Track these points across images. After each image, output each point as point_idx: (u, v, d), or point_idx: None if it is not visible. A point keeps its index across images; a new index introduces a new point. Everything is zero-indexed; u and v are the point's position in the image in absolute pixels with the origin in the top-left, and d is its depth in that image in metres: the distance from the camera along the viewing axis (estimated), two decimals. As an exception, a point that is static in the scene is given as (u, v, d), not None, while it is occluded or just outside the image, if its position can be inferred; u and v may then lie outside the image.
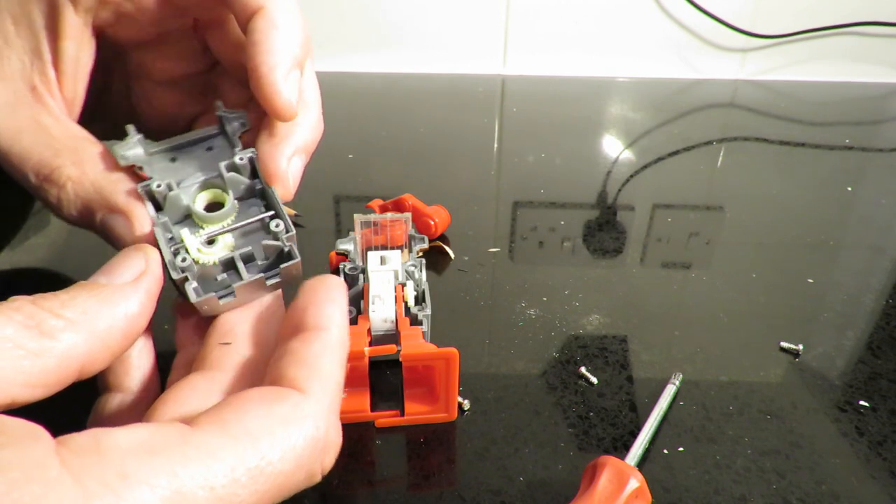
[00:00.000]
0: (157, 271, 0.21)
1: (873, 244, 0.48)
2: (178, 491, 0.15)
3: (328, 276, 0.23)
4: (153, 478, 0.15)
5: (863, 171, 0.61)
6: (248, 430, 0.17)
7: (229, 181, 0.25)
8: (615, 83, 0.86)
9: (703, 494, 0.28)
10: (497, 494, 0.27)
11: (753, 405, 0.32)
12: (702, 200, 0.54)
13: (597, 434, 0.31)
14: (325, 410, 0.19)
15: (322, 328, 0.21)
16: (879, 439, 0.30)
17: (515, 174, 0.59)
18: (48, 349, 0.17)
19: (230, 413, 0.18)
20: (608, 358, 0.35)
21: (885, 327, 0.38)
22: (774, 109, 0.78)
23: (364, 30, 0.86)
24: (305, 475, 0.18)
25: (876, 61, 0.86)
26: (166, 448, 0.16)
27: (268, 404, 0.18)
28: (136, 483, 0.15)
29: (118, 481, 0.15)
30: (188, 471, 0.16)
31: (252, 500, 0.17)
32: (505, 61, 0.88)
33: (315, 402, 0.19)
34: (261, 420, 0.18)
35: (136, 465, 0.15)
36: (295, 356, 0.20)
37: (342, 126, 0.69)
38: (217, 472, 0.16)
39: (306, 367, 0.20)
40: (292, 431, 0.18)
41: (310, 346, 0.20)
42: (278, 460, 0.17)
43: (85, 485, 0.14)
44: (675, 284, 0.42)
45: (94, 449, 0.15)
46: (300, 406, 0.19)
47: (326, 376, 0.20)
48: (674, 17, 0.85)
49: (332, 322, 0.21)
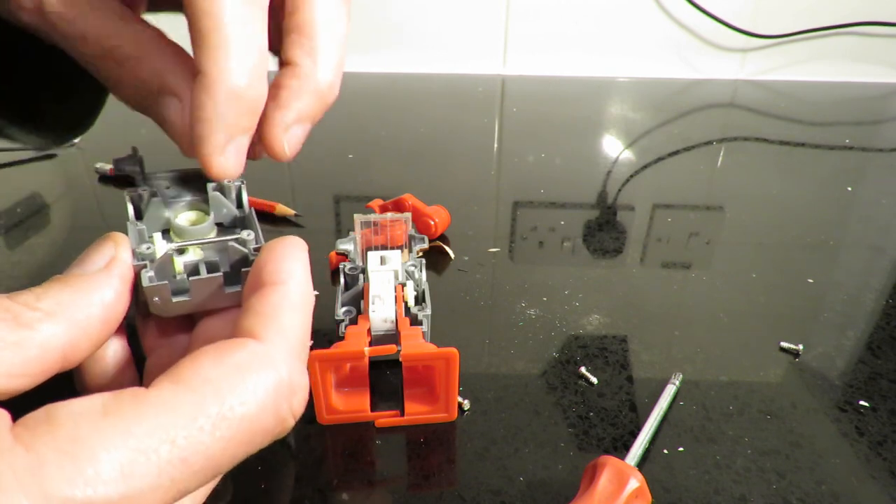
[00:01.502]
0: (127, 258, 0.21)
1: (873, 244, 0.48)
2: (137, 449, 0.15)
3: (288, 236, 0.22)
4: (108, 439, 0.15)
5: (863, 171, 0.61)
6: (205, 379, 0.17)
7: (213, 200, 0.25)
8: (615, 83, 0.86)
9: (703, 494, 0.28)
10: (497, 494, 0.27)
11: (753, 405, 0.32)
12: (702, 200, 0.54)
13: (597, 434, 0.31)
14: (285, 354, 0.19)
15: (280, 282, 0.20)
16: (879, 439, 0.30)
17: (515, 174, 0.59)
18: (27, 339, 0.17)
19: (184, 368, 0.17)
20: (608, 358, 0.35)
21: (885, 327, 0.38)
22: (774, 109, 0.78)
23: (364, 30, 0.86)
24: (274, 419, 0.18)
25: (876, 61, 0.86)
26: (120, 409, 0.16)
27: (223, 354, 0.18)
28: (90, 446, 0.15)
29: (71, 445, 0.15)
30: (144, 428, 0.15)
31: (220, 448, 0.17)
32: (505, 61, 0.88)
33: (273, 347, 0.19)
34: (217, 369, 0.17)
35: (89, 428, 0.15)
36: (252, 310, 0.20)
37: (342, 126, 0.69)
38: (176, 425, 0.16)
39: (263, 318, 0.19)
40: (251, 375, 0.18)
41: (267, 298, 0.20)
42: (239, 404, 0.17)
43: (37, 451, 0.14)
44: (675, 284, 0.42)
45: (46, 419, 0.15)
46: (257, 351, 0.18)
47: (286, 325, 0.19)
48: (674, 17, 0.85)
49: (291, 276, 0.21)
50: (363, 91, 0.82)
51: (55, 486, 0.14)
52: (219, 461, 0.17)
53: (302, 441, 0.30)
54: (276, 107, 0.24)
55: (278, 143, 0.24)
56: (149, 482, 0.15)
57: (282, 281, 0.20)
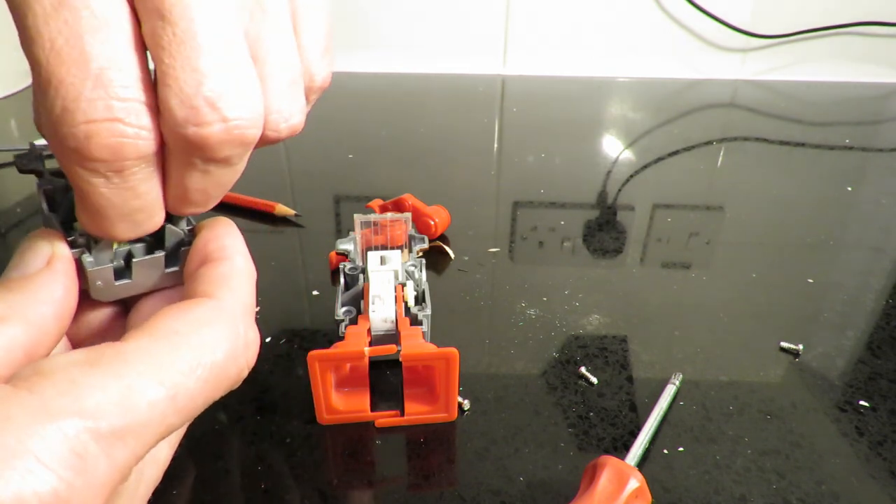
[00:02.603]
0: (65, 251, 0.22)
1: (873, 244, 0.48)
2: (129, 387, 0.16)
3: (221, 217, 0.23)
4: (101, 380, 0.16)
5: (863, 171, 0.61)
6: (175, 331, 0.18)
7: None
8: (615, 83, 0.86)
9: (703, 494, 0.28)
10: (497, 494, 0.27)
11: (753, 405, 0.32)
12: (702, 200, 0.54)
13: (597, 434, 0.31)
14: (239, 311, 0.20)
15: (226, 258, 0.22)
16: (879, 439, 0.30)
17: (515, 174, 0.59)
18: None
19: (154, 323, 0.18)
20: (608, 358, 0.35)
21: (885, 327, 0.38)
22: (774, 109, 0.78)
23: (364, 30, 0.86)
24: (235, 369, 0.19)
25: (876, 61, 0.86)
26: (104, 359, 0.16)
27: (186, 310, 0.19)
28: (87, 385, 0.15)
29: (69, 386, 0.15)
30: (130, 370, 0.16)
31: (199, 389, 0.18)
32: (505, 61, 0.88)
33: (228, 304, 0.20)
34: (185, 322, 0.18)
35: (80, 374, 0.16)
36: (202, 279, 0.21)
37: (342, 126, 0.69)
38: (160, 368, 0.17)
39: (215, 283, 0.20)
40: (215, 327, 0.19)
41: (216, 270, 0.21)
42: (210, 352, 0.18)
43: (41, 394, 0.15)
44: (675, 284, 0.42)
45: (36, 372, 0.16)
46: (216, 307, 0.19)
47: (236, 288, 0.21)
48: (674, 17, 0.85)
49: (236, 252, 0.22)
50: (363, 91, 0.82)
51: (66, 419, 0.15)
52: (198, 401, 0.18)
53: (302, 441, 0.30)
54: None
55: None
56: (144, 416, 0.16)
57: (227, 256, 0.22)
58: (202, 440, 0.30)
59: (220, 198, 0.21)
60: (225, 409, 0.32)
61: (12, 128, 0.70)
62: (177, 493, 0.27)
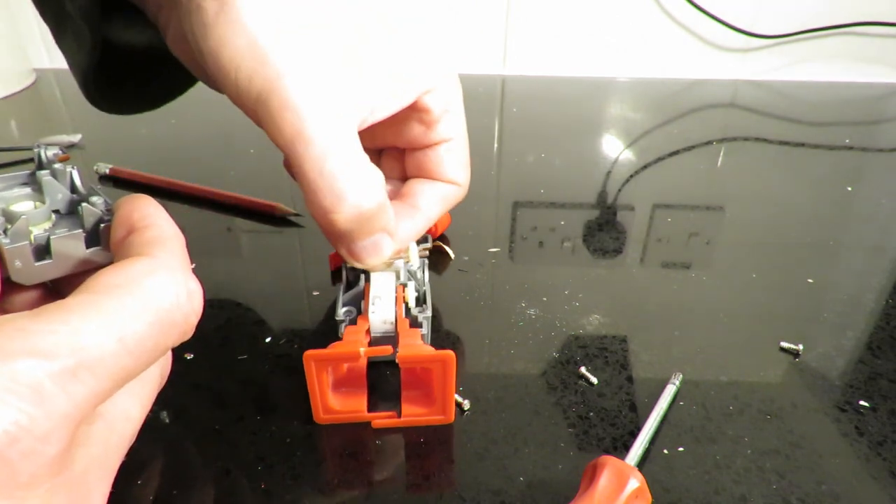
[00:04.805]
0: None
1: (873, 244, 0.48)
2: (78, 330, 0.17)
3: (137, 194, 0.24)
4: (48, 326, 0.16)
5: (863, 171, 0.61)
6: (115, 285, 0.18)
7: (46, 186, 0.24)
8: (615, 83, 0.86)
9: (703, 494, 0.28)
10: (497, 494, 0.27)
11: (753, 405, 0.32)
12: (702, 200, 0.54)
13: (597, 434, 0.31)
14: (176, 265, 0.20)
15: (152, 224, 0.22)
16: (879, 439, 0.30)
17: (515, 174, 0.59)
18: None
19: (91, 283, 0.18)
20: (608, 358, 0.35)
21: (885, 327, 0.38)
22: (774, 109, 0.78)
23: (364, 30, 0.86)
24: (181, 315, 0.20)
25: (876, 61, 0.86)
26: (46, 311, 0.17)
27: (122, 267, 0.19)
28: (36, 332, 0.16)
29: (21, 333, 0.16)
30: (77, 317, 0.17)
31: (146, 333, 0.18)
32: (505, 61, 0.88)
33: (163, 259, 0.20)
34: (124, 277, 0.19)
35: (29, 322, 0.16)
36: (132, 244, 0.21)
37: (342, 126, 0.69)
38: (107, 313, 0.17)
39: (146, 244, 0.21)
40: (155, 276, 0.19)
41: (145, 235, 0.21)
42: (154, 298, 0.19)
43: None
44: (675, 284, 0.42)
45: None
46: (151, 262, 0.20)
47: (169, 248, 0.21)
48: (674, 17, 0.85)
49: (160, 218, 0.22)
50: (363, 91, 0.82)
51: (19, 359, 0.15)
52: (147, 344, 0.18)
53: (302, 441, 0.30)
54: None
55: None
56: (94, 355, 0.17)
57: (154, 223, 0.22)
58: (202, 440, 0.30)
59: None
60: (225, 409, 0.32)
61: (12, 128, 0.70)
62: (177, 494, 0.27)
